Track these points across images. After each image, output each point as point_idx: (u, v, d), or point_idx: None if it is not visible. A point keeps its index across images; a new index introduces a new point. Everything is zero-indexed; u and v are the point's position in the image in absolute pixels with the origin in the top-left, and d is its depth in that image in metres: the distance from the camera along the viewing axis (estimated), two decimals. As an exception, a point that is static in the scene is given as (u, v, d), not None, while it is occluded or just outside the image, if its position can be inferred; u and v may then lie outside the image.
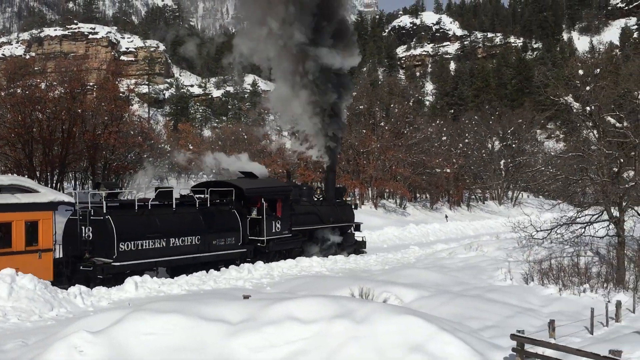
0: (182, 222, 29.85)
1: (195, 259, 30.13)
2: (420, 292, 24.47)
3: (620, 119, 32.50)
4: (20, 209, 23.90)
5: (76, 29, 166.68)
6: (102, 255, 26.53)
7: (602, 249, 33.20)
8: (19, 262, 23.29)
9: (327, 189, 41.50)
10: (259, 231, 33.43)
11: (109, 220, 26.55)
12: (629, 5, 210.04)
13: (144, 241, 27.74)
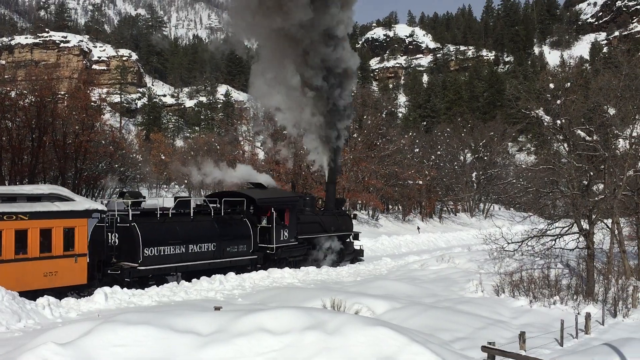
0: (199, 229, 31.99)
1: (210, 265, 32.10)
2: (391, 303, 24.48)
3: (590, 133, 32.82)
4: (60, 216, 25.94)
5: (47, 37, 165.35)
6: (128, 260, 28.49)
7: (572, 261, 33.49)
8: (57, 265, 25.82)
9: (328, 200, 43.52)
10: (269, 239, 35.44)
11: (134, 227, 28.59)
12: (599, 21, 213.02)
13: (165, 247, 29.85)
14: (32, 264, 25.04)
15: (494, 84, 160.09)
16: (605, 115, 34.84)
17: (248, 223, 34.63)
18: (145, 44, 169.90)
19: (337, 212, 42.72)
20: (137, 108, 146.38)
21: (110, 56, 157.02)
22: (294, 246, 37.28)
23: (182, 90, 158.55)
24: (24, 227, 24.81)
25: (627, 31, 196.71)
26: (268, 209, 35.72)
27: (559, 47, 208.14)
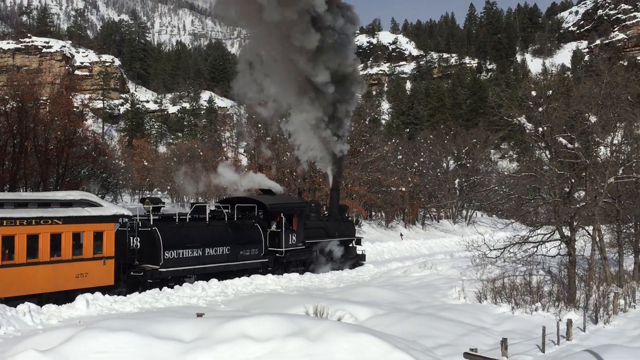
0: (215, 234, 33.71)
1: (225, 267, 33.78)
2: (374, 310, 24.49)
3: (572, 140, 33.03)
4: (90, 220, 27.73)
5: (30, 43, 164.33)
6: (149, 262, 30.10)
7: (553, 268, 33.65)
8: (88, 267, 27.52)
9: (332, 206, 45.02)
10: (278, 243, 36.95)
11: (155, 231, 30.42)
12: (580, 29, 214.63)
13: (184, 250, 31.60)
14: (66, 266, 26.73)
15: (476, 92, 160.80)
16: (587, 123, 35.09)
17: (259, 228, 36.33)
18: (128, 50, 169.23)
19: (340, 218, 44.26)
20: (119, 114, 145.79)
21: (93, 62, 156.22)
22: (301, 250, 38.69)
23: (165, 96, 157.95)
24: (58, 231, 26.52)
25: (608, 40, 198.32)
26: (278, 214, 37.21)
27: (541, 55, 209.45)
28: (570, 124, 35.60)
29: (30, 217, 25.66)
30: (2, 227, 24.68)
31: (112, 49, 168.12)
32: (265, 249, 36.34)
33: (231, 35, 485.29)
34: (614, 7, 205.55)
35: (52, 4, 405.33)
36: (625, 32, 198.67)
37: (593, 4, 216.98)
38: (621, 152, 36.23)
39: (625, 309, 28.80)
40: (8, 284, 24.68)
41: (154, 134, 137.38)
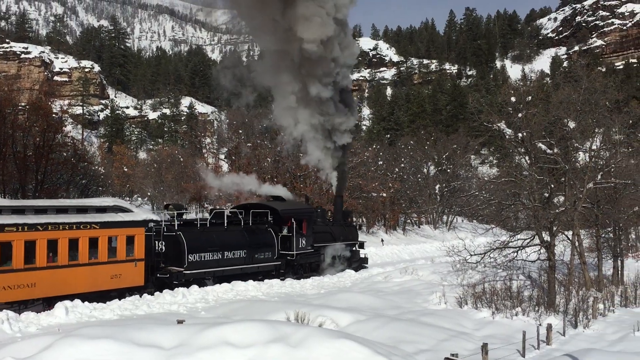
0: (232, 238, 35.80)
1: (242, 270, 35.75)
2: (355, 316, 24.48)
3: (551, 146, 33.26)
4: (123, 225, 29.72)
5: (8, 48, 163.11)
6: (174, 265, 32.00)
7: (533, 272, 33.83)
8: (121, 269, 29.52)
9: (336, 212, 47.29)
10: (289, 246, 39.11)
11: (180, 236, 32.43)
12: (559, 36, 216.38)
13: (205, 253, 33.64)
14: (102, 268, 28.82)
15: (456, 97, 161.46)
16: (566, 129, 35.34)
17: (272, 232, 38.47)
18: (108, 56, 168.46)
19: (345, 223, 46.49)
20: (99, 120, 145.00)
21: (72, 67, 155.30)
22: (310, 253, 40.99)
23: (145, 102, 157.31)
24: (96, 235, 28.50)
25: (586, 46, 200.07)
26: (289, 219, 39.44)
27: (520, 61, 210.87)
28: (549, 129, 35.84)
29: (72, 222, 27.77)
30: (48, 231, 26.65)
31: (92, 54, 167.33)
32: (278, 253, 38.46)
33: (212, 41, 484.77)
34: (592, 14, 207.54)
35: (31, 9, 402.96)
36: (603, 39, 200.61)
37: (571, 10, 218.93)
38: (600, 157, 36.52)
39: (604, 314, 28.97)
40: (53, 284, 26.74)
41: (134, 140, 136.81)
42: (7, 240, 25.37)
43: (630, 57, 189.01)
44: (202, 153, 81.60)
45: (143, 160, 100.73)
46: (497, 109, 38.67)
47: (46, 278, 26.52)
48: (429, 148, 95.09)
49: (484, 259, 32.46)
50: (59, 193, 52.74)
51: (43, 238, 26.53)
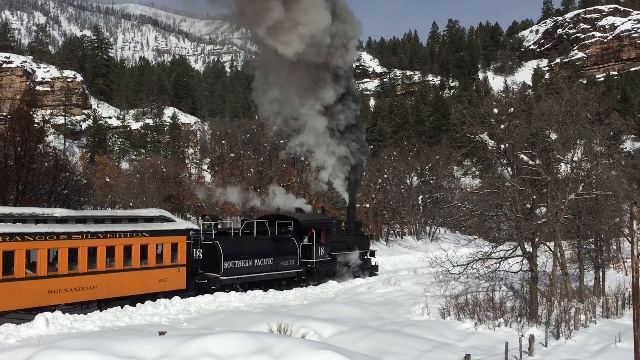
0: (261, 246, 38.53)
1: (269, 276, 38.68)
2: (338, 327, 24.44)
3: (533, 157, 33.43)
4: (168, 234, 32.64)
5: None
6: (211, 271, 34.93)
7: (516, 283, 33.92)
8: (167, 273, 32.44)
9: (349, 222, 50.03)
10: (310, 255, 41.91)
11: (217, 244, 35.23)
12: (541, 48, 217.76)
13: (238, 261, 36.41)
14: (151, 272, 31.64)
15: (439, 109, 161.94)
16: (548, 140, 35.56)
17: (295, 241, 41.37)
18: (90, 66, 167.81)
19: (357, 233, 49.26)
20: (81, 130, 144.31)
21: (55, 77, 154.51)
22: (328, 261, 43.79)
23: (128, 112, 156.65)
24: (145, 243, 31.35)
25: (567, 58, 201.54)
26: (309, 229, 42.27)
27: (502, 72, 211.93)
28: (531, 141, 36.04)
29: (126, 231, 30.63)
30: (107, 239, 29.54)
31: (74, 64, 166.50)
32: (299, 260, 41.35)
33: (195, 51, 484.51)
34: (573, 27, 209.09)
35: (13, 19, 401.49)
36: (584, 51, 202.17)
37: (553, 23, 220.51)
38: (581, 168, 36.74)
39: (586, 324, 29.12)
40: (110, 286, 29.60)
41: (117, 151, 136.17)
42: (74, 247, 28.19)
43: (611, 70, 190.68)
44: (185, 163, 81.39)
45: (125, 171, 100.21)
46: (480, 120, 38.82)
47: (105, 281, 29.40)
48: (412, 159, 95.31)
49: (466, 270, 32.53)
50: (40, 204, 52.32)
51: (103, 245, 29.37)
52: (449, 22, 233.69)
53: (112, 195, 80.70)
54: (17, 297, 26.12)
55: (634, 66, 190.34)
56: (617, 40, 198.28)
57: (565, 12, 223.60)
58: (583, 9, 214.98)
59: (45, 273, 27.25)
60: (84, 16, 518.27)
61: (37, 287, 26.89)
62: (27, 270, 26.74)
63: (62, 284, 27.79)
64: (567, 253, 39.28)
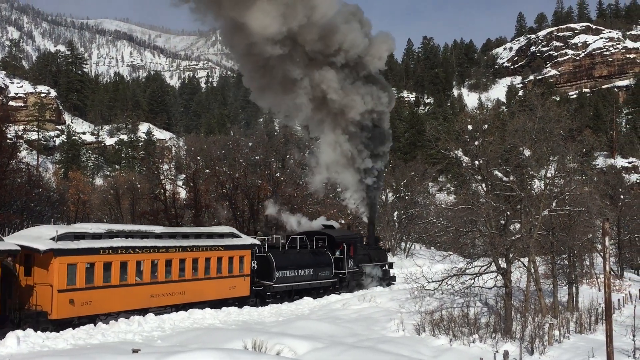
0: (303, 259, 43.64)
1: (310, 285, 43.75)
2: (313, 343, 24.36)
3: (507, 173, 33.65)
4: (237, 248, 38.42)
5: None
6: (265, 279, 40.07)
7: (490, 299, 34.03)
8: (236, 282, 38.09)
9: (369, 237, 54.75)
10: (341, 266, 46.81)
11: (270, 256, 40.49)
12: (514, 65, 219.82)
13: (287, 271, 41.42)
14: (224, 280, 37.34)
15: (414, 125, 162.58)
16: (521, 157, 35.84)
17: (329, 254, 46.26)
18: (65, 81, 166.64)
19: (377, 247, 54.32)
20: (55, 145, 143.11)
21: (28, 92, 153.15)
22: (355, 272, 48.43)
23: (102, 128, 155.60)
24: (221, 255, 37.18)
25: (541, 75, 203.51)
26: (341, 244, 47.18)
27: (476, 89, 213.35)
28: (505, 157, 36.30)
29: (207, 245, 36.51)
30: (192, 252, 35.39)
31: (48, 79, 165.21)
32: (333, 271, 46.02)
33: (170, 67, 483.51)
34: (546, 44, 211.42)
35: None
36: (557, 69, 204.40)
37: (526, 41, 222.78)
38: (554, 185, 37.04)
39: (559, 340, 29.24)
40: (194, 292, 35.25)
41: (91, 166, 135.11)
42: (169, 258, 34.01)
43: (584, 87, 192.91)
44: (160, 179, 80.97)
45: (99, 187, 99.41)
46: (454, 136, 39.06)
47: (191, 287, 35.13)
48: (387, 175, 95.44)
49: (441, 286, 32.59)
50: (12, 220, 51.74)
51: (190, 257, 35.30)
52: (424, 39, 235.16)
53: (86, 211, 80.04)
54: (130, 300, 31.86)
55: (605, 83, 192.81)
56: (589, 58, 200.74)
57: (538, 30, 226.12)
58: (556, 27, 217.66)
59: (149, 280, 33.03)
60: (58, 31, 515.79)
61: (144, 292, 32.66)
62: (136, 278, 32.43)
63: (161, 289, 33.56)
64: (541, 269, 39.50)
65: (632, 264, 76.72)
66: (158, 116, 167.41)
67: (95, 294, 30.17)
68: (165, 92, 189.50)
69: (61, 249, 28.79)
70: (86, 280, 29.82)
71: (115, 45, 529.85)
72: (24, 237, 29.44)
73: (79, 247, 29.67)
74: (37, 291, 28.40)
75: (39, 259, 28.66)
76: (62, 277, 28.70)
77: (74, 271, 29.28)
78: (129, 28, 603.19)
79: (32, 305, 28.33)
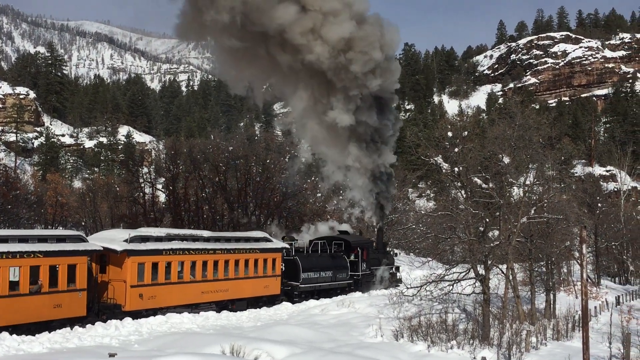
0: (324, 262, 47.26)
1: (330, 286, 47.28)
2: (292, 349, 24.29)
3: (486, 180, 33.82)
4: (270, 251, 42.22)
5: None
6: (292, 280, 43.81)
7: (469, 306, 34.12)
8: (269, 281, 41.77)
9: (378, 242, 57.31)
10: (356, 269, 50.29)
11: (297, 259, 44.25)
12: (495, 73, 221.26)
13: (311, 272, 45.17)
14: (259, 280, 41.08)
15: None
16: (501, 164, 35.99)
17: (345, 258, 49.80)
18: (44, 82, 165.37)
19: (385, 251, 56.64)
20: (33, 147, 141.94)
21: (7, 94, 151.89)
22: (368, 274, 51.57)
23: (81, 130, 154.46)
24: (257, 257, 41.05)
25: (520, 83, 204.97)
26: (355, 248, 50.76)
27: (457, 96, 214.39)
28: (484, 164, 36.46)
29: (246, 248, 40.65)
30: (234, 254, 39.54)
31: (27, 81, 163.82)
32: (348, 273, 49.40)
33: (151, 70, 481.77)
34: (526, 53, 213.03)
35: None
36: (537, 77, 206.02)
37: (506, 49, 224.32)
38: (533, 192, 37.24)
39: (537, 347, 29.36)
40: (235, 290, 39.27)
41: (69, 169, 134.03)
42: (217, 259, 38.18)
43: (563, 95, 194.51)
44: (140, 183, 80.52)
45: (78, 189, 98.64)
46: (435, 143, 39.19)
47: (234, 286, 39.17)
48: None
49: (420, 292, 32.65)
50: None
51: (233, 259, 39.39)
52: (405, 45, 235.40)
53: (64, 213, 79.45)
54: (185, 295, 36.10)
55: (584, 92, 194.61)
56: (568, 67, 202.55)
57: (518, 38, 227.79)
58: (536, 35, 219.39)
59: (200, 278, 37.07)
60: (38, 32, 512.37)
61: (197, 288, 36.79)
62: (190, 276, 36.42)
63: (210, 287, 37.61)
64: (519, 276, 39.68)
65: (609, 272, 77.33)
66: (138, 119, 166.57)
67: (159, 290, 34.22)
68: (145, 95, 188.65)
69: (133, 250, 32.84)
70: (152, 277, 33.79)
71: (95, 48, 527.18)
72: (101, 239, 33.36)
73: (147, 248, 33.79)
74: (113, 286, 32.46)
75: (114, 258, 32.67)
76: (133, 274, 32.77)
77: (142, 269, 33.33)
78: (110, 30, 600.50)
79: (108, 298, 32.39)
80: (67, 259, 29.81)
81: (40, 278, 28.59)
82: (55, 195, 76.97)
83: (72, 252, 30.14)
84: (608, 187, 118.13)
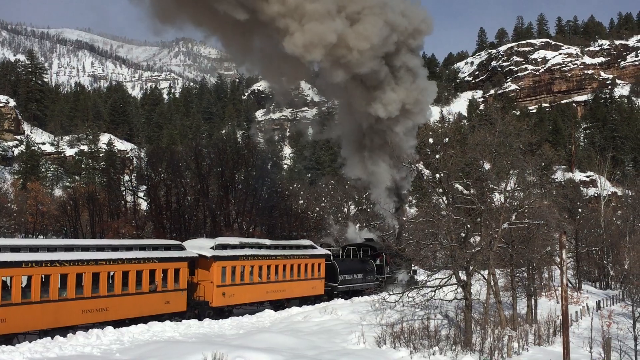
0: (356, 266, 53.93)
1: (361, 287, 53.13)
2: (274, 356, 24.25)
3: (468, 187, 33.94)
4: (315, 257, 48.22)
5: None
6: (332, 282, 49.99)
7: (451, 311, 34.21)
8: (315, 283, 47.94)
9: None
10: (381, 272, 56.21)
11: (335, 264, 50.55)
12: (476, 80, 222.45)
13: (346, 275, 51.63)
14: (307, 282, 47.26)
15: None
16: (482, 170, 36.18)
17: (372, 262, 55.97)
18: (24, 90, 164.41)
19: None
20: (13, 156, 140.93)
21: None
22: (390, 277, 56.64)
23: (62, 139, 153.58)
24: (305, 262, 47.05)
25: (501, 90, 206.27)
26: (380, 254, 56.78)
27: (438, 103, 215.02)
28: (466, 170, 36.61)
29: (298, 254, 46.52)
30: (288, 259, 45.39)
31: (7, 89, 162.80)
32: (375, 276, 55.14)
33: (132, 77, 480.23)
34: (506, 59, 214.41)
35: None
36: (517, 83, 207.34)
37: (487, 55, 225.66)
38: (514, 198, 37.40)
39: (518, 352, 29.47)
40: (291, 290, 45.62)
41: (50, 177, 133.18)
42: (277, 264, 44.29)
43: (543, 102, 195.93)
44: (121, 191, 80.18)
45: (59, 198, 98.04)
46: (416, 149, 39.31)
47: (287, 287, 45.27)
48: (349, 187, 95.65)
49: (402, 298, 32.70)
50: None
51: (288, 264, 45.31)
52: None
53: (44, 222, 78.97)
54: (255, 294, 42.66)
55: (564, 98, 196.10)
56: (548, 73, 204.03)
57: (499, 45, 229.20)
58: (516, 42, 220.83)
59: (265, 280, 43.24)
60: (18, 40, 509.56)
61: (263, 289, 43.13)
62: (258, 278, 42.54)
63: (272, 287, 43.82)
64: (501, 281, 39.85)
65: (590, 277, 77.76)
66: (119, 127, 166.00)
67: (236, 289, 40.58)
68: (126, 103, 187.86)
69: (218, 256, 39.32)
70: (231, 278, 40.04)
71: (76, 55, 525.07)
72: (191, 247, 39.39)
73: (228, 254, 40.18)
74: (203, 286, 38.84)
75: (203, 263, 39.12)
76: (218, 276, 39.12)
77: (224, 272, 39.62)
78: (91, 38, 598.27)
79: (198, 296, 38.60)
80: (174, 264, 36.39)
81: (156, 279, 35.12)
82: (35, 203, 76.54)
83: (177, 258, 36.73)
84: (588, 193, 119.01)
